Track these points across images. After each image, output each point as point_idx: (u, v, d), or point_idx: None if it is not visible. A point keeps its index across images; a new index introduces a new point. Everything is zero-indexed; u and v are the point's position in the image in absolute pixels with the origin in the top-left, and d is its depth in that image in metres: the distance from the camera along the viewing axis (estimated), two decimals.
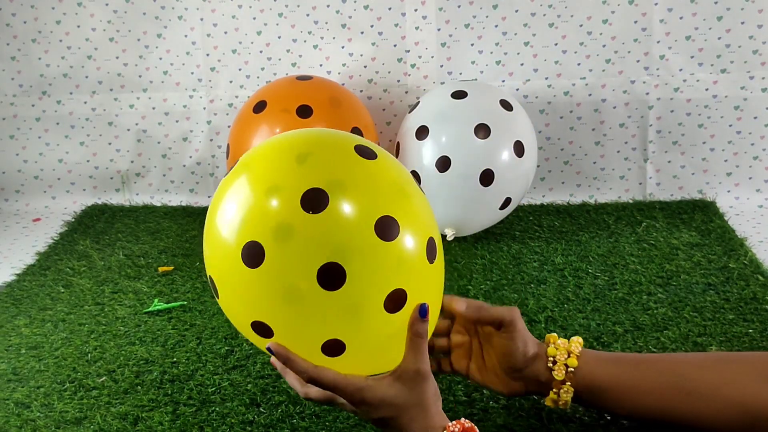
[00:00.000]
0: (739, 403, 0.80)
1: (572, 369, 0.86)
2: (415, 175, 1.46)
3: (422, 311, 0.75)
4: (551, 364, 0.87)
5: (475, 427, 0.77)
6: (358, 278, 0.72)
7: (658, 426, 0.87)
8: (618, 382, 0.86)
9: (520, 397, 0.96)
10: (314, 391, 0.80)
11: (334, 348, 0.75)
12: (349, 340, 0.75)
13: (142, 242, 1.61)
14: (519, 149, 1.46)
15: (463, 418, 0.77)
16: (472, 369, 0.91)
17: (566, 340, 0.88)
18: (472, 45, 1.73)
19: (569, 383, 0.87)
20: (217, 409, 1.02)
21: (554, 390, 0.87)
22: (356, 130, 1.50)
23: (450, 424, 0.77)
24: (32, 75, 1.84)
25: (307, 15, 1.76)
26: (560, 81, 1.73)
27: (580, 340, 0.88)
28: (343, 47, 1.77)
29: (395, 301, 0.74)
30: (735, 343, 1.11)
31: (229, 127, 1.82)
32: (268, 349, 0.76)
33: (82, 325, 1.27)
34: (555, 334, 0.89)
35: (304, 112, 1.47)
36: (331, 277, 0.71)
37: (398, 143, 1.56)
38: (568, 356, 0.87)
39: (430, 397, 0.78)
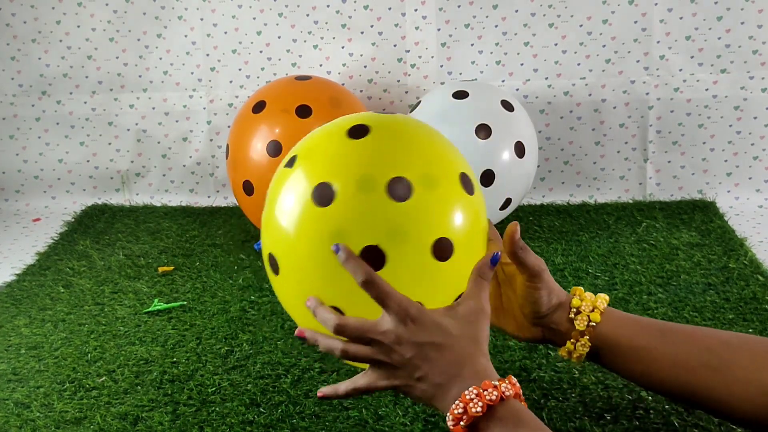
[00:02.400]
0: None
1: (594, 323, 0.84)
2: None
3: (494, 259, 0.77)
4: (573, 315, 0.85)
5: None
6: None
7: (673, 401, 0.85)
8: (639, 346, 0.83)
9: (535, 343, 0.92)
10: (352, 321, 0.73)
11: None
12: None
13: (142, 242, 1.61)
14: (520, 150, 1.46)
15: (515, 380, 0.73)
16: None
17: (593, 295, 0.86)
18: (472, 45, 1.73)
19: (588, 337, 0.84)
20: (217, 409, 1.02)
21: (571, 340, 0.85)
22: None
23: (512, 377, 0.72)
24: (32, 75, 1.84)
25: (307, 15, 1.76)
26: (560, 81, 1.73)
27: (607, 297, 0.86)
28: (343, 47, 1.77)
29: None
30: None
31: (229, 127, 1.82)
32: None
33: (81, 325, 1.27)
34: (582, 288, 0.87)
35: (304, 112, 1.47)
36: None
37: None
38: (592, 310, 0.85)
39: (483, 339, 0.74)
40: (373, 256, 0.73)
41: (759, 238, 1.51)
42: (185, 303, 1.33)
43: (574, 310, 0.85)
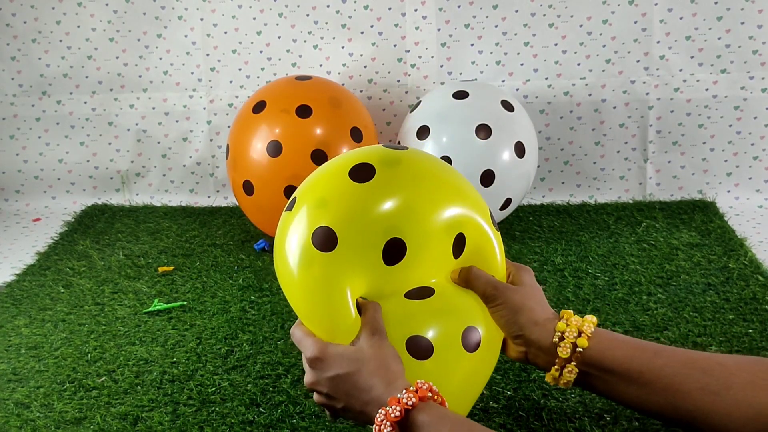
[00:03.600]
0: None
1: (580, 349, 0.81)
2: None
3: None
4: (557, 340, 0.82)
5: (440, 393, 0.74)
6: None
7: (666, 425, 0.83)
8: (632, 369, 0.79)
9: (524, 364, 0.91)
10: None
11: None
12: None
13: (142, 242, 1.61)
14: (520, 150, 1.46)
15: (430, 382, 0.74)
16: None
17: (580, 318, 0.83)
18: (472, 45, 1.73)
19: (574, 363, 0.81)
20: (217, 409, 1.02)
21: (556, 367, 0.83)
22: (356, 130, 1.50)
23: (419, 381, 0.73)
24: (32, 75, 1.84)
25: (307, 15, 1.76)
26: (560, 81, 1.73)
27: (594, 319, 0.83)
28: (343, 47, 1.77)
29: None
30: (735, 344, 1.11)
31: (229, 127, 1.82)
32: None
33: (81, 326, 1.27)
34: (571, 311, 0.84)
35: (304, 112, 1.47)
36: None
37: (399, 143, 1.56)
38: (579, 335, 0.81)
39: (389, 355, 0.76)
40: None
41: (759, 238, 1.51)
42: (185, 303, 1.33)
43: (558, 334, 0.82)
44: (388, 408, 0.71)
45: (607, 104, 1.73)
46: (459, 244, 0.83)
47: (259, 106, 1.50)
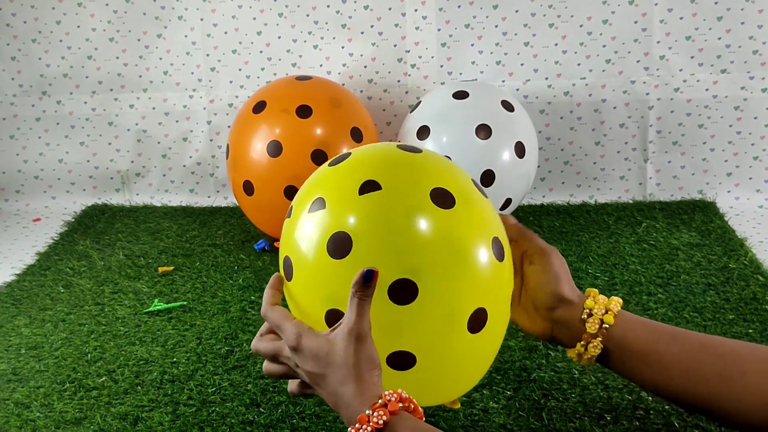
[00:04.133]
0: None
1: (607, 326, 0.83)
2: None
3: (366, 275, 0.71)
4: (586, 316, 0.83)
5: (414, 400, 0.72)
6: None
7: (682, 408, 0.84)
8: (651, 351, 0.81)
9: (544, 341, 0.91)
10: (262, 345, 0.80)
11: (403, 361, 0.75)
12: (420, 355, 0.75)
13: (142, 242, 1.61)
14: (520, 150, 1.46)
15: (400, 389, 0.72)
16: None
17: (606, 297, 0.85)
18: (473, 45, 1.73)
19: (600, 339, 0.83)
20: (217, 409, 1.02)
21: (582, 342, 0.84)
22: (356, 130, 1.50)
23: (387, 392, 0.71)
24: (32, 75, 1.84)
25: (307, 15, 1.76)
26: (560, 81, 1.73)
27: (620, 300, 0.85)
28: (343, 47, 1.77)
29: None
30: None
31: (229, 127, 1.82)
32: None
33: (82, 326, 1.27)
34: (596, 290, 0.86)
35: (304, 112, 1.47)
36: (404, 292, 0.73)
37: (399, 142, 1.56)
38: (606, 312, 0.83)
39: (362, 361, 0.72)
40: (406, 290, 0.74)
41: (759, 239, 1.51)
42: (185, 303, 1.33)
43: (587, 311, 0.84)
44: (358, 426, 0.70)
45: (607, 104, 1.73)
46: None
47: (259, 106, 1.50)
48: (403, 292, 0.73)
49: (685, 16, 1.67)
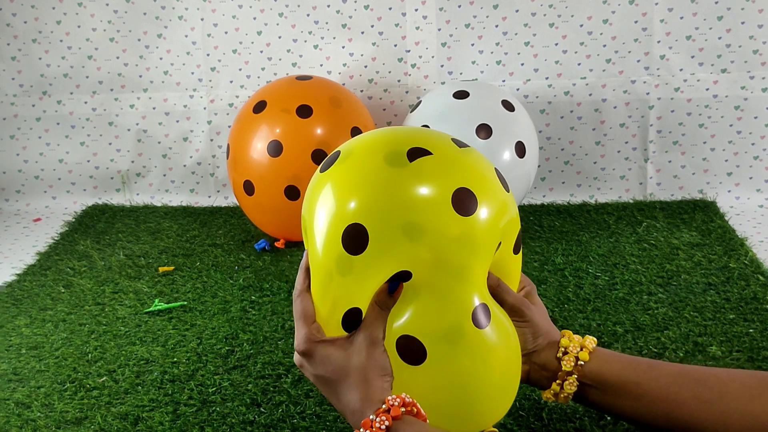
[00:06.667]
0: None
1: (582, 362, 0.83)
2: None
3: (391, 288, 0.74)
4: (561, 354, 0.84)
5: (417, 403, 0.73)
6: None
7: None
8: (628, 381, 0.82)
9: (522, 383, 0.93)
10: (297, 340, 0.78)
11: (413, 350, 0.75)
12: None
13: (142, 242, 1.61)
14: (520, 150, 1.46)
15: (404, 393, 0.73)
16: None
17: (581, 337, 0.86)
18: (473, 45, 1.73)
19: (575, 376, 0.84)
20: (218, 409, 1.02)
21: (558, 381, 0.85)
22: (356, 130, 1.50)
23: (390, 397, 0.72)
24: (33, 75, 1.84)
25: (308, 15, 1.76)
26: (561, 81, 1.73)
27: (594, 339, 0.86)
28: (343, 47, 1.77)
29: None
30: (735, 343, 1.11)
31: (229, 127, 1.82)
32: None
33: (82, 325, 1.27)
34: (570, 331, 0.87)
35: (304, 112, 1.47)
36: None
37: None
38: (581, 350, 0.84)
39: (374, 368, 0.74)
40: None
41: (759, 238, 1.51)
42: (186, 303, 1.33)
43: (562, 349, 0.85)
44: (362, 431, 0.71)
45: (607, 104, 1.73)
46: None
47: (259, 106, 1.50)
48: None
49: (685, 16, 1.67)
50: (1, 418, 1.02)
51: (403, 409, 0.71)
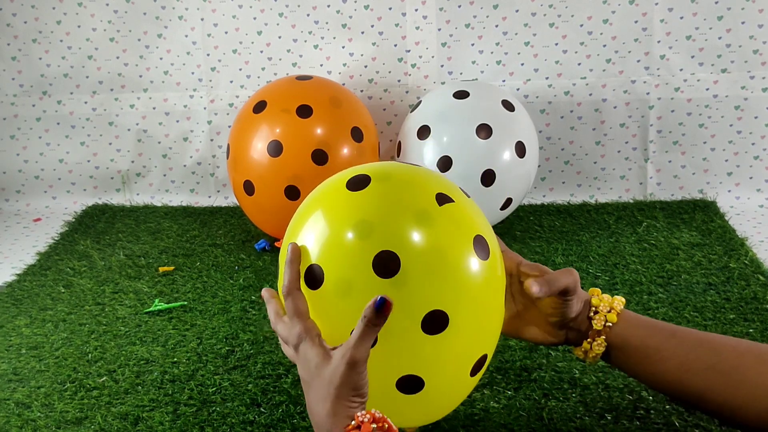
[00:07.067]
0: None
1: (610, 324, 0.85)
2: None
3: (377, 304, 0.70)
4: (591, 314, 0.86)
5: (388, 419, 0.70)
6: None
7: (676, 402, 0.86)
8: (649, 347, 0.84)
9: (559, 345, 0.91)
10: (279, 328, 0.78)
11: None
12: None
13: (142, 242, 1.61)
14: (520, 150, 1.46)
15: (373, 409, 0.71)
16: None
17: (610, 296, 0.87)
18: (473, 45, 1.73)
19: (604, 337, 0.85)
20: (218, 409, 1.02)
21: (588, 340, 0.86)
22: (356, 130, 1.50)
23: (359, 413, 0.70)
24: (33, 75, 1.84)
25: (308, 15, 1.76)
26: (561, 81, 1.73)
27: (623, 300, 0.87)
28: (343, 47, 1.77)
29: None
30: None
31: (229, 127, 1.82)
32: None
33: (82, 325, 1.27)
34: (598, 289, 0.88)
35: (305, 112, 1.47)
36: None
37: (399, 143, 1.56)
38: (609, 311, 0.86)
39: (347, 387, 0.70)
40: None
41: (760, 238, 1.51)
42: (186, 303, 1.33)
43: (593, 309, 0.86)
44: None
45: (607, 104, 1.73)
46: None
47: (259, 106, 1.50)
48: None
49: (685, 16, 1.67)
50: (1, 418, 1.02)
51: (374, 425, 0.69)
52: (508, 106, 1.49)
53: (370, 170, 0.80)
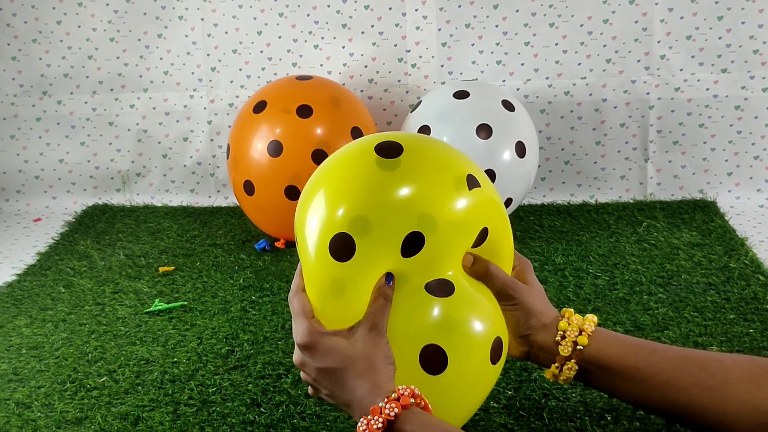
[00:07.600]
0: None
1: (581, 347, 0.83)
2: None
3: (388, 278, 0.77)
4: (560, 339, 0.83)
5: (425, 398, 0.73)
6: None
7: (663, 419, 0.84)
8: (629, 365, 0.81)
9: (522, 361, 0.91)
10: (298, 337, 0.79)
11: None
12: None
13: (142, 242, 1.61)
14: (520, 150, 1.46)
15: (413, 386, 0.73)
16: None
17: (581, 317, 0.84)
18: (473, 45, 1.73)
19: (574, 361, 0.83)
20: (218, 409, 1.02)
21: (557, 365, 0.84)
22: (356, 130, 1.50)
23: (401, 387, 0.72)
24: (33, 75, 1.84)
25: (308, 15, 1.76)
26: (561, 81, 1.73)
27: (595, 318, 0.85)
28: (343, 47, 1.77)
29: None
30: (736, 343, 1.11)
31: (229, 127, 1.82)
32: None
33: (82, 326, 1.27)
34: (571, 310, 0.86)
35: (305, 112, 1.47)
36: None
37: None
38: (579, 333, 0.83)
39: (380, 356, 0.74)
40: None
41: (760, 238, 1.51)
42: (186, 303, 1.33)
43: (561, 333, 0.84)
44: (370, 418, 0.71)
45: (607, 104, 1.73)
46: (482, 236, 0.81)
47: (259, 106, 1.50)
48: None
49: (685, 16, 1.67)
50: (1, 418, 1.02)
51: (412, 400, 0.72)
52: (508, 106, 1.49)
53: (400, 138, 0.83)
